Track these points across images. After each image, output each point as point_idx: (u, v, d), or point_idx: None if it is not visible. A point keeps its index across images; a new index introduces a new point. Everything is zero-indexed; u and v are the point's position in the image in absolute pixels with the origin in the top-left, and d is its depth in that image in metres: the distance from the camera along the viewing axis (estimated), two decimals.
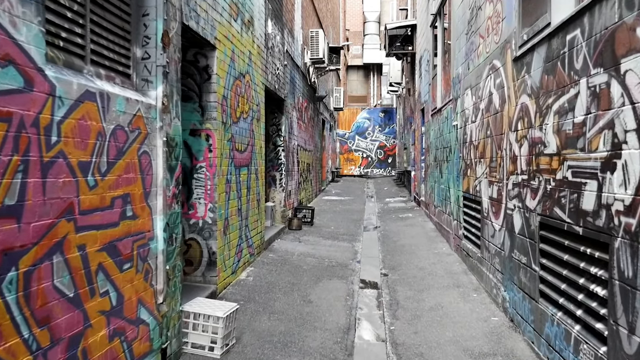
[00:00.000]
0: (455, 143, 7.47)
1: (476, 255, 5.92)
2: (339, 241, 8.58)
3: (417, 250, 7.71)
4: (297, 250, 7.67)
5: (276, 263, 6.74)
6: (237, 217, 5.90)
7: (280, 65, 8.77)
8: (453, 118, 7.61)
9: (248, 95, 6.42)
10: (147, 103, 3.19)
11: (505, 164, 4.71)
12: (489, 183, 5.34)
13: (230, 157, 5.64)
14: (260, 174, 7.13)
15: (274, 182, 9.27)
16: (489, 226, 5.31)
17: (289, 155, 9.81)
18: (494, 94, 5.11)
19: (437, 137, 9.50)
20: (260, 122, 7.19)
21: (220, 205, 5.26)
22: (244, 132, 6.21)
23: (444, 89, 8.90)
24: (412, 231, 9.38)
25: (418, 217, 11.06)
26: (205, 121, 5.10)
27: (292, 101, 10.15)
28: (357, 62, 28.61)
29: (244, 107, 6.21)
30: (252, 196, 6.66)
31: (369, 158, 27.18)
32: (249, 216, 6.47)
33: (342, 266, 6.80)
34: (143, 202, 3.12)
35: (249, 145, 6.49)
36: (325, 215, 11.54)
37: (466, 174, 6.60)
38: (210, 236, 5.13)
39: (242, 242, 6.12)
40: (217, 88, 5.14)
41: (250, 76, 6.52)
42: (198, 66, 5.09)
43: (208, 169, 5.11)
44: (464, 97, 6.73)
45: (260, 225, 7.14)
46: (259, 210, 7.05)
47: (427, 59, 10.94)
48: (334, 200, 14.86)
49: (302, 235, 8.92)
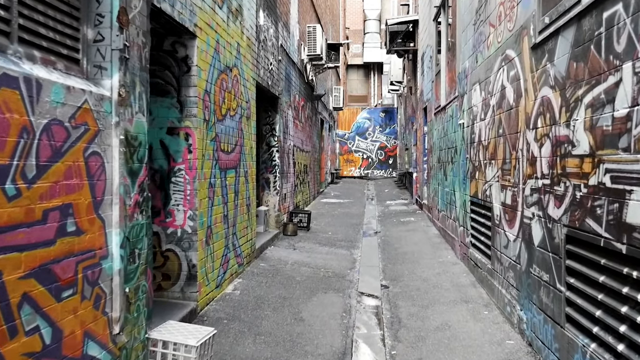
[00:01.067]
0: (461, 143, 6.93)
1: (486, 266, 5.37)
2: (336, 248, 8.03)
3: (420, 258, 7.16)
4: (291, 258, 7.12)
5: (267, 274, 6.19)
6: (222, 225, 5.36)
7: (274, 61, 8.23)
8: (459, 116, 7.07)
9: (236, 91, 5.88)
10: (98, 94, 2.64)
11: (521, 167, 4.17)
12: (501, 187, 4.80)
13: (215, 158, 5.10)
14: (250, 176, 6.59)
15: (268, 185, 8.72)
16: (502, 235, 4.77)
17: (283, 156, 9.26)
18: (507, 87, 4.56)
19: (440, 137, 8.96)
20: (251, 120, 6.65)
21: (202, 212, 4.72)
22: (231, 131, 5.66)
23: (449, 85, 8.36)
24: (414, 237, 8.83)
25: (420, 222, 10.50)
26: (184, 118, 4.56)
27: (287, 99, 9.61)
28: (358, 61, 28.02)
29: (231, 104, 5.67)
30: (241, 201, 6.12)
31: (370, 159, 26.57)
32: (237, 223, 5.92)
33: (339, 277, 6.26)
34: (92, 213, 2.57)
35: (237, 146, 5.94)
36: (322, 220, 10.99)
37: (474, 177, 6.05)
38: (190, 247, 4.59)
39: (228, 252, 5.57)
40: (198, 81, 4.60)
41: (238, 70, 5.98)
42: (176, 57, 4.56)
43: (187, 171, 4.57)
44: (471, 93, 6.19)
45: (251, 232, 6.60)
46: (249, 216, 6.50)
47: (430, 55, 10.39)
48: (333, 203, 14.31)
49: (298, 242, 8.38)
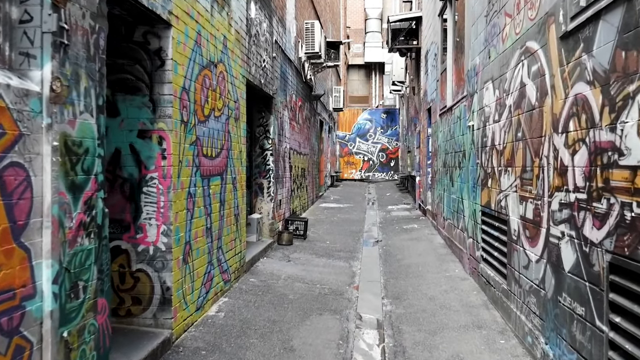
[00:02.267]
0: (470, 147, 6.34)
1: (500, 286, 4.78)
2: (334, 259, 7.44)
3: (425, 272, 6.57)
4: (285, 272, 6.53)
5: (257, 291, 5.60)
6: (205, 239, 4.77)
7: (268, 57, 7.65)
8: (468, 118, 6.48)
9: (222, 89, 5.30)
10: (20, 88, 2.06)
11: (546, 176, 3.58)
12: (519, 199, 4.21)
13: (195, 164, 4.52)
14: (239, 183, 6.00)
15: (261, 191, 8.14)
16: (521, 254, 4.18)
17: (278, 160, 8.68)
18: (528, 85, 3.98)
19: (446, 139, 8.37)
20: (240, 121, 6.07)
21: (179, 226, 4.13)
22: (215, 133, 5.08)
23: (456, 84, 7.77)
24: (418, 247, 8.24)
25: (424, 229, 9.91)
26: (157, 119, 3.98)
27: (283, 99, 9.02)
28: (358, 61, 27.42)
29: (215, 104, 5.08)
30: (228, 211, 5.54)
31: (371, 161, 25.95)
32: (222, 236, 5.34)
33: (336, 294, 5.67)
34: (8, 242, 1.99)
35: (224, 150, 5.36)
36: (320, 227, 10.40)
37: (486, 185, 5.46)
38: (163, 267, 4.00)
39: (212, 269, 4.99)
40: (174, 77, 4.02)
41: (225, 66, 5.40)
42: (148, 49, 3.98)
43: (161, 180, 3.99)
44: (482, 93, 5.60)
45: (239, 244, 6.01)
46: (237, 227, 5.92)
47: (435, 52, 9.81)
48: (332, 208, 13.71)
49: (293, 252, 7.79)
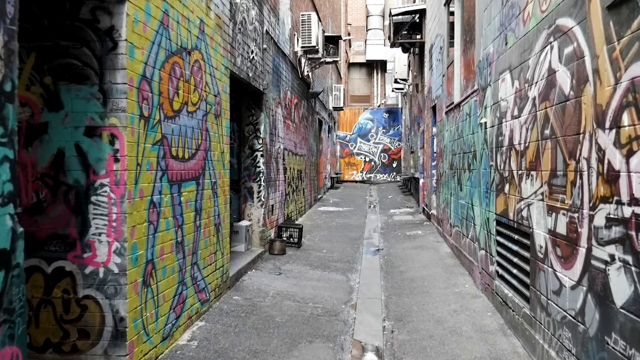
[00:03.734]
0: (482, 147, 5.63)
1: (521, 309, 4.07)
2: (330, 272, 6.74)
3: (431, 287, 5.86)
4: (274, 287, 5.83)
5: (240, 312, 4.90)
6: (174, 256, 4.07)
7: (257, 49, 6.95)
8: (479, 114, 5.77)
9: (198, 80, 4.61)
10: None
11: (586, 183, 2.87)
12: (547, 209, 3.50)
13: (160, 168, 3.82)
14: (221, 188, 5.31)
15: (251, 196, 7.44)
16: (549, 275, 3.47)
17: (270, 161, 7.98)
18: (560, 71, 3.27)
19: (453, 139, 7.66)
20: (222, 118, 5.37)
21: (137, 242, 3.43)
22: (188, 131, 4.39)
23: (464, 78, 7.06)
24: (422, 256, 7.52)
25: (429, 236, 9.19)
26: (108, 114, 3.28)
27: (275, 95, 8.33)
28: (360, 59, 26.68)
29: (188, 97, 4.39)
30: (206, 220, 4.84)
31: (372, 162, 25.19)
32: (199, 249, 4.64)
33: (330, 315, 4.97)
34: None
35: (200, 151, 4.67)
36: (317, 233, 9.68)
37: (502, 191, 4.75)
38: (116, 293, 3.30)
39: (184, 289, 4.29)
40: (130, 63, 3.33)
41: (202, 55, 4.71)
42: (98, 28, 3.28)
43: (113, 187, 3.29)
44: (498, 85, 4.89)
45: (221, 257, 5.31)
46: (218, 238, 5.22)
47: (440, 45, 9.10)
48: (331, 212, 13.00)
49: (285, 263, 7.08)
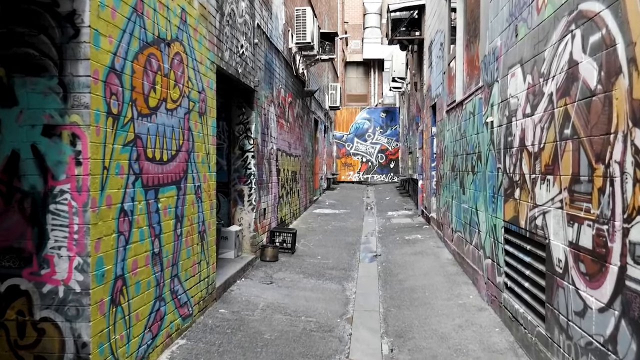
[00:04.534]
0: (488, 148, 5.24)
1: (535, 328, 3.68)
2: (325, 280, 6.33)
3: (433, 298, 5.47)
4: (264, 298, 5.43)
5: (225, 328, 4.50)
6: (150, 269, 3.67)
7: (248, 44, 6.54)
8: (484, 113, 5.38)
9: (178, 75, 4.20)
10: None
11: (619, 191, 2.48)
12: (568, 219, 3.11)
13: (132, 172, 3.41)
14: (206, 192, 4.90)
15: (241, 199, 7.03)
16: (570, 294, 3.07)
17: (262, 162, 7.57)
18: (584, 62, 2.88)
19: (455, 139, 7.27)
20: (208, 117, 4.97)
21: (103, 256, 3.03)
22: (167, 131, 3.98)
23: (468, 74, 6.67)
24: (423, 263, 7.13)
25: (429, 240, 8.80)
26: (69, 111, 2.87)
27: (268, 93, 7.92)
28: (357, 58, 26.28)
29: (167, 93, 3.98)
30: (189, 228, 4.43)
31: (369, 163, 24.79)
32: (180, 260, 4.24)
33: (324, 330, 4.57)
34: None
35: (181, 152, 4.26)
36: (312, 238, 9.28)
37: (511, 196, 4.36)
38: (78, 315, 2.89)
39: (162, 305, 3.88)
40: (94, 52, 2.92)
41: (184, 47, 4.30)
42: (57, 13, 2.87)
43: (75, 195, 2.88)
44: (506, 80, 4.50)
45: (206, 268, 4.91)
46: (203, 247, 4.81)
47: (441, 41, 8.71)
48: (327, 215, 12.59)
49: (277, 271, 6.68)
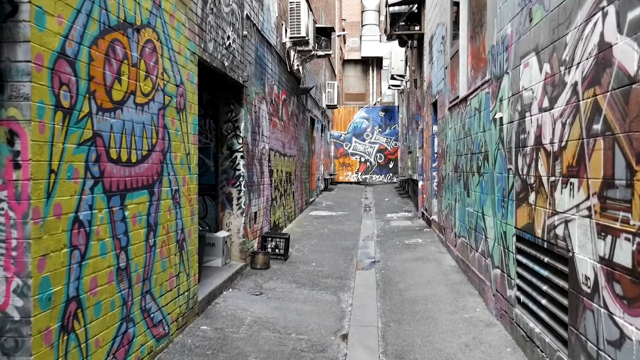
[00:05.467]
0: (496, 147, 4.79)
1: (554, 352, 3.22)
2: (319, 291, 5.87)
3: (436, 310, 5.01)
4: (252, 312, 4.96)
5: (206, 349, 4.03)
6: (113, 287, 3.20)
7: (235, 35, 6.08)
8: (492, 108, 4.93)
9: (151, 65, 3.74)
10: None
11: None
12: (600, 229, 2.64)
13: (91, 175, 2.95)
14: (186, 196, 4.44)
15: (230, 203, 6.57)
16: (602, 318, 2.61)
17: (253, 163, 7.11)
18: (620, 44, 2.42)
19: (458, 138, 6.82)
20: (188, 113, 4.50)
21: (51, 276, 2.56)
22: (137, 128, 3.51)
23: (472, 68, 6.22)
24: (424, 270, 6.67)
25: (430, 245, 8.34)
26: (6, 103, 2.41)
27: (259, 89, 7.46)
28: (355, 56, 25.82)
29: (137, 85, 3.52)
30: (164, 237, 3.97)
31: (368, 163, 24.32)
32: (153, 274, 3.77)
33: (316, 351, 4.10)
34: None
35: (154, 152, 3.79)
36: (307, 242, 8.81)
37: (525, 200, 3.90)
38: (17, 347, 2.43)
39: (130, 327, 3.41)
40: (38, 35, 2.46)
41: (157, 35, 3.84)
42: None
43: (13, 204, 2.41)
44: (518, 71, 4.04)
45: (186, 280, 4.44)
46: (182, 257, 4.35)
47: (442, 35, 8.25)
48: (323, 217, 12.13)
49: (268, 280, 6.21)
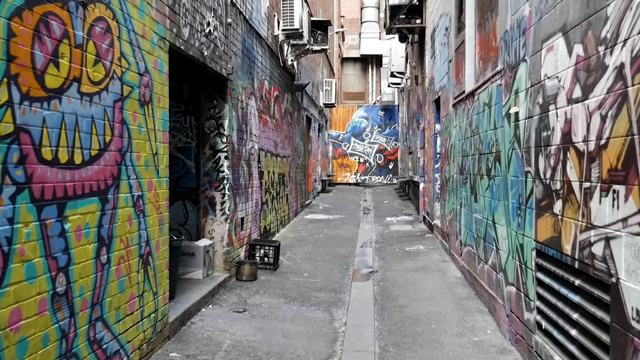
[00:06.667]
0: (510, 146, 4.18)
1: None
2: (310, 307, 5.26)
3: (441, 332, 4.40)
4: (232, 334, 4.35)
5: None
6: (46, 318, 2.59)
7: (217, 22, 5.48)
8: (504, 102, 4.32)
9: (104, 49, 3.13)
10: None
11: None
12: None
13: (10, 180, 2.35)
14: (152, 203, 3.83)
15: (213, 208, 5.96)
16: None
17: (239, 164, 6.50)
18: None
19: (464, 136, 6.21)
20: (156, 107, 3.90)
21: None
22: (84, 123, 2.91)
23: (481, 58, 5.62)
24: (427, 282, 6.06)
25: (433, 253, 7.73)
26: None
27: (247, 84, 6.85)
28: (354, 54, 25.21)
29: (83, 71, 2.92)
30: (122, 253, 3.36)
31: (367, 163, 23.70)
32: (106, 297, 3.17)
33: None
34: None
35: (108, 152, 3.19)
36: (300, 249, 8.20)
37: (548, 209, 3.29)
38: None
39: None
40: None
41: (113, 13, 3.23)
42: None
43: None
44: (540, 57, 3.44)
45: (152, 300, 3.83)
46: (146, 275, 3.74)
47: (446, 26, 7.66)
48: (319, 221, 11.51)
49: (254, 294, 5.60)
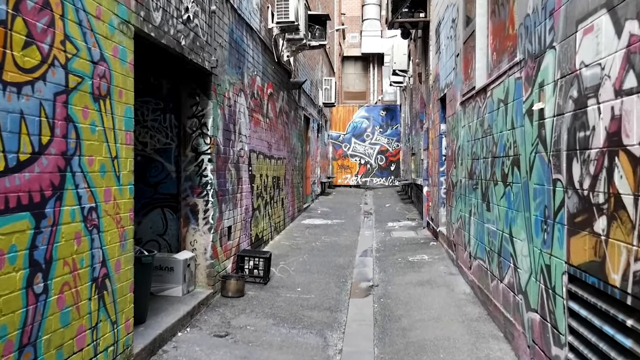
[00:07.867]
0: (532, 148, 3.58)
1: None
2: (301, 329, 4.66)
3: None
4: None
5: None
6: None
7: (199, 8, 4.89)
8: (525, 98, 3.72)
9: (40, 29, 2.55)
10: None
11: None
12: None
13: None
14: (110, 216, 3.25)
15: (195, 216, 5.37)
16: None
17: (225, 167, 5.91)
18: None
19: (475, 137, 5.61)
20: (116, 102, 3.31)
21: None
22: (8, 120, 2.33)
23: (494, 50, 5.02)
24: (433, 299, 5.46)
25: (438, 264, 7.13)
26: None
27: (235, 79, 6.26)
28: (355, 52, 24.62)
29: (7, 55, 2.34)
30: (66, 277, 2.78)
31: (368, 165, 23.08)
32: (43, 335, 2.58)
33: None
34: None
35: (45, 156, 2.60)
36: (294, 259, 7.60)
37: (587, 227, 2.69)
38: None
39: None
40: None
41: None
42: None
43: None
44: (573, 42, 2.84)
45: (110, 331, 3.24)
46: (103, 301, 3.16)
47: (453, 17, 7.06)
48: (317, 227, 10.91)
49: (239, 314, 5.00)
